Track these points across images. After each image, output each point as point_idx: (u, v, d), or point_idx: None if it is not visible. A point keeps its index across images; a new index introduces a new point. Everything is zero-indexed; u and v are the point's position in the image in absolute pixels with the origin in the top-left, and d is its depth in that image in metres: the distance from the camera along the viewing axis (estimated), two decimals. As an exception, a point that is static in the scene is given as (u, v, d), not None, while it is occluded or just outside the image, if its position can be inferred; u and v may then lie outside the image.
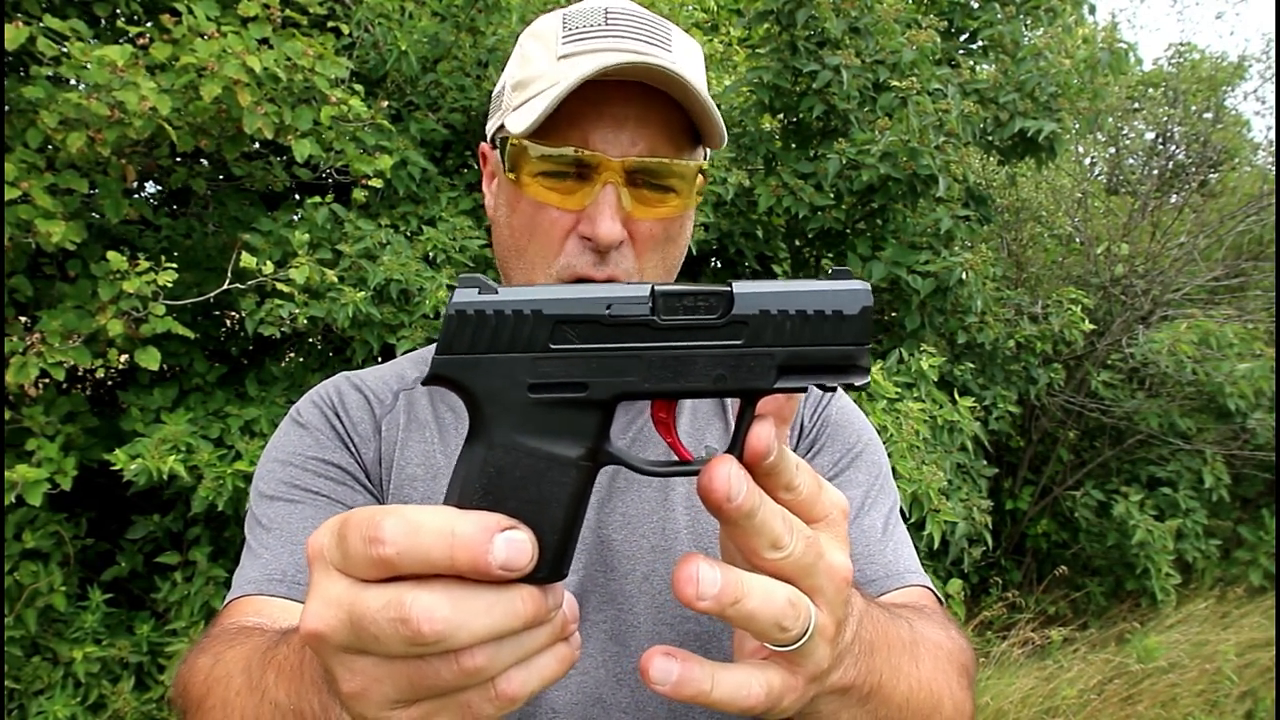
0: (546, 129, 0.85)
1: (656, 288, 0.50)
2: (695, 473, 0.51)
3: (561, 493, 0.49)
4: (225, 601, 0.87)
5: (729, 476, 0.49)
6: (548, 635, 0.48)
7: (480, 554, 0.43)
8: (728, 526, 0.52)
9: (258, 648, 0.67)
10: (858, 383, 0.52)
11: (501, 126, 0.91)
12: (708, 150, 0.95)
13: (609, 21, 0.88)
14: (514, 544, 0.44)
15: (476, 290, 0.48)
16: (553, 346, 0.48)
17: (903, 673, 0.67)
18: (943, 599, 0.96)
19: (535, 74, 0.88)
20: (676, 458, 0.54)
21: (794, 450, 0.98)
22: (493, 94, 0.98)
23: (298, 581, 0.85)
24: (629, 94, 0.84)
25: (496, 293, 0.48)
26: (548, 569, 0.48)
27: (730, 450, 0.52)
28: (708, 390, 0.50)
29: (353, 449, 0.95)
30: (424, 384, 0.50)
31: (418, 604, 0.43)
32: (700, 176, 0.91)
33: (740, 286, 0.51)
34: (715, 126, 0.87)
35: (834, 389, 0.53)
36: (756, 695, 0.53)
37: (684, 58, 0.89)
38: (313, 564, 0.48)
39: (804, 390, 0.52)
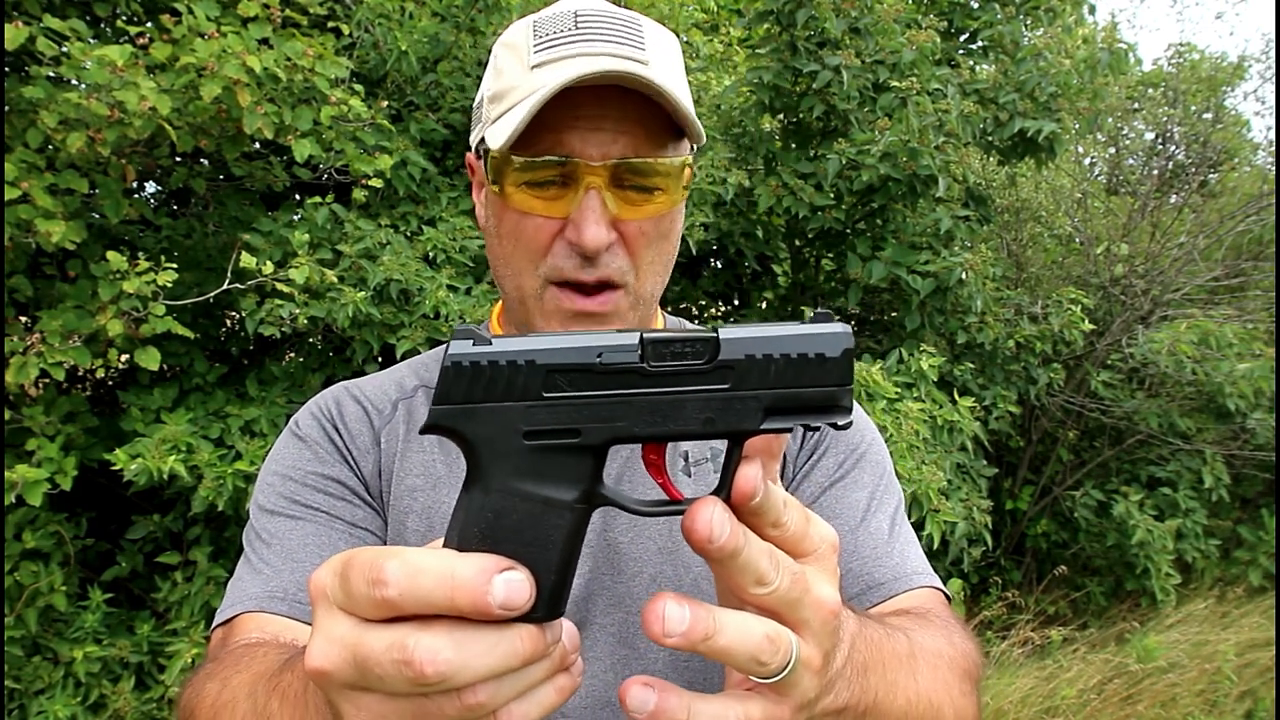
0: (525, 139, 0.84)
1: (645, 335, 0.51)
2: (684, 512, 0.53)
3: (557, 535, 0.50)
4: (223, 614, 0.87)
5: (710, 519, 0.50)
6: (547, 669, 0.49)
7: (480, 595, 0.45)
8: (713, 565, 0.53)
9: (261, 674, 0.68)
10: (840, 422, 0.54)
11: (483, 139, 0.90)
12: (694, 145, 0.94)
13: (579, 25, 0.86)
14: (512, 584, 0.46)
15: (471, 342, 0.50)
16: (546, 395, 0.50)
17: (899, 688, 0.68)
18: (950, 597, 0.96)
19: (509, 85, 0.87)
20: (668, 497, 0.55)
21: (798, 452, 1.00)
22: (473, 105, 0.98)
23: (299, 600, 0.85)
24: (604, 96, 0.83)
25: (491, 344, 0.50)
26: (545, 608, 0.49)
27: (718, 491, 0.53)
28: (697, 433, 0.52)
29: (352, 463, 0.95)
30: (421, 433, 0.51)
31: (420, 646, 0.44)
32: (687, 170, 0.91)
33: (726, 332, 0.52)
34: (691, 126, 0.86)
35: (818, 429, 0.54)
36: None
37: (658, 55, 0.88)
38: (316, 602, 0.49)
39: (789, 431, 0.53)
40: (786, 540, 0.54)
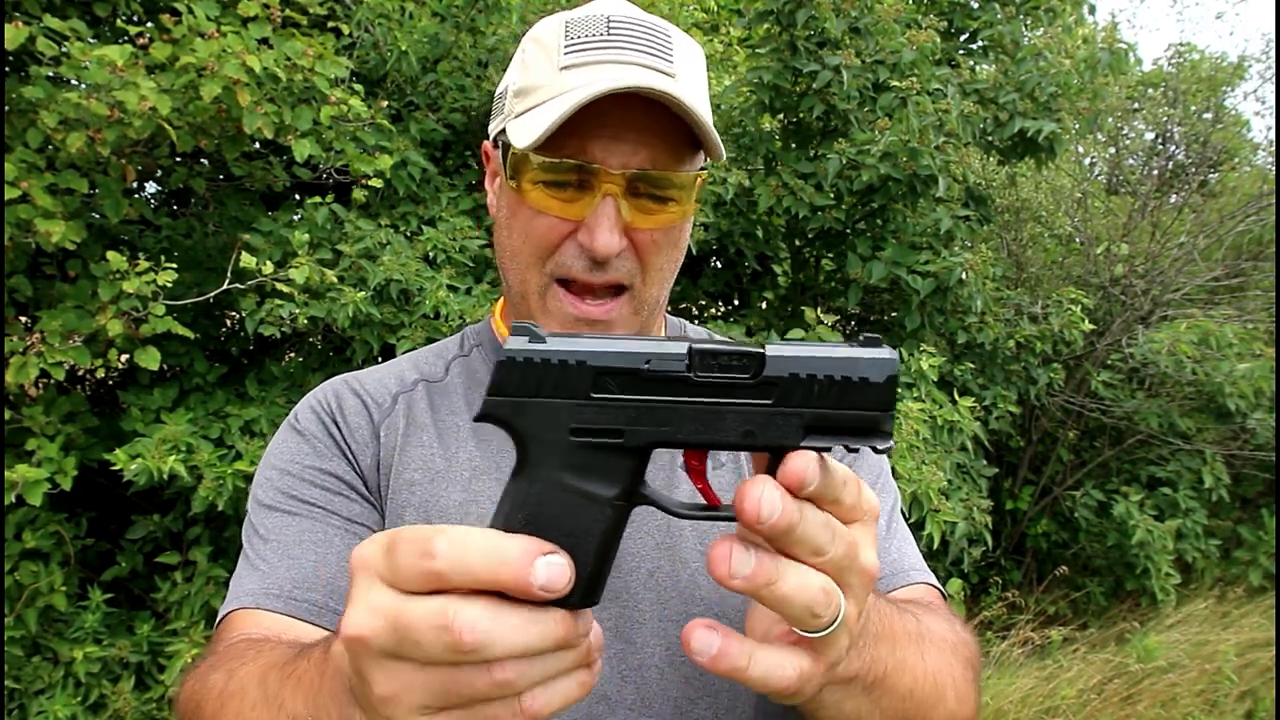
0: (548, 139, 0.85)
1: (694, 346, 0.53)
2: (725, 518, 0.54)
3: (596, 528, 0.52)
4: (223, 611, 0.87)
5: (760, 499, 0.51)
6: (573, 659, 0.51)
7: (523, 574, 0.47)
8: (769, 540, 0.53)
9: (273, 664, 0.68)
10: (880, 446, 0.55)
11: (504, 131, 0.92)
12: (709, 158, 0.95)
13: (611, 31, 0.87)
14: (554, 567, 0.48)
15: (527, 338, 0.52)
16: (594, 395, 0.52)
17: (907, 664, 0.69)
18: (946, 595, 0.97)
19: (537, 83, 0.89)
20: (706, 502, 0.57)
21: None
22: (495, 94, 0.99)
23: (294, 597, 0.86)
24: (630, 105, 0.84)
25: (545, 342, 0.52)
26: (580, 595, 0.51)
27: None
28: (736, 444, 0.53)
29: (350, 457, 0.95)
30: (475, 420, 0.54)
31: (461, 614, 0.47)
32: (699, 181, 0.92)
33: (773, 349, 0.54)
34: (713, 142, 0.88)
35: (857, 450, 0.55)
36: (789, 676, 0.55)
37: (685, 68, 0.90)
38: (356, 574, 0.51)
39: (829, 450, 0.54)
40: (842, 512, 0.55)
